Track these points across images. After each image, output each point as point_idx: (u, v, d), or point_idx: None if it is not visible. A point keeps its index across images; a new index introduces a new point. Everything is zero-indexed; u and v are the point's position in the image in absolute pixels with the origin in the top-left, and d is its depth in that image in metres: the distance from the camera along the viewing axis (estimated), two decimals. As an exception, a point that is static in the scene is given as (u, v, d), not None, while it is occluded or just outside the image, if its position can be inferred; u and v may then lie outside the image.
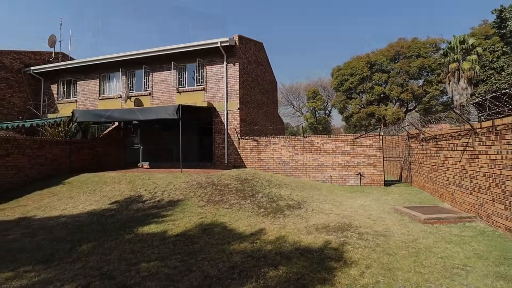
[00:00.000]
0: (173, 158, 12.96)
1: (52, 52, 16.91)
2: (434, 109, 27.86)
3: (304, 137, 10.69)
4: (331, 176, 10.16)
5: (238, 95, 11.79)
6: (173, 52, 12.21)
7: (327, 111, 42.11)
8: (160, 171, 10.41)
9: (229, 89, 11.93)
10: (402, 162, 10.95)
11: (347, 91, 31.75)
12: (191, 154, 12.84)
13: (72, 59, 17.07)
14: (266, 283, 2.91)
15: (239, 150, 11.50)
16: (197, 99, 12.27)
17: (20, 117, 14.23)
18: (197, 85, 12.56)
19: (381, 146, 9.84)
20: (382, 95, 29.57)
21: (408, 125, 10.77)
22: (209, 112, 12.09)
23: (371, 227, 4.82)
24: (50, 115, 14.60)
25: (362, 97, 31.30)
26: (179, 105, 9.37)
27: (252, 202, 6.59)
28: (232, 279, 3.00)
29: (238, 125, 11.63)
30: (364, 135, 10.09)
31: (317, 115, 40.58)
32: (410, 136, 9.76)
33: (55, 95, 15.21)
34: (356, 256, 3.56)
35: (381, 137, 9.92)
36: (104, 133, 12.71)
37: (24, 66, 15.13)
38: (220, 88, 12.07)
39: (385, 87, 29.38)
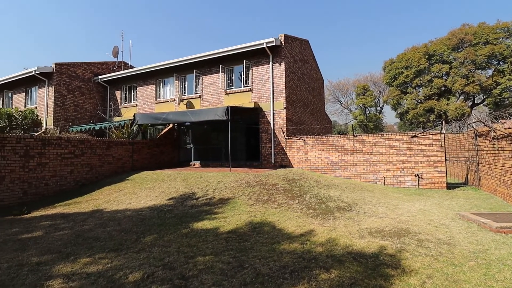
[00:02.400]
0: (222, 157, 13.48)
1: (115, 62, 18.84)
2: (507, 102, 24.38)
3: (354, 136, 10.25)
4: (384, 178, 9.58)
5: (284, 95, 11.77)
6: (221, 55, 12.66)
7: (378, 108, 39.69)
8: (210, 169, 10.92)
9: (275, 89, 11.99)
10: (468, 163, 9.83)
11: (402, 85, 29.46)
12: (238, 154, 13.22)
13: (132, 67, 18.81)
14: (319, 285, 2.88)
15: (285, 150, 11.50)
16: (244, 100, 12.56)
17: (91, 121, 16.15)
18: (244, 86, 12.86)
19: (443, 145, 8.97)
20: (443, 89, 26.82)
21: (475, 122, 9.64)
22: (256, 112, 12.29)
23: (432, 234, 4.44)
24: (115, 119, 16.30)
25: (419, 92, 28.77)
26: (227, 107, 9.70)
27: (300, 202, 6.55)
28: (283, 278, 3.03)
29: (285, 125, 11.62)
30: (422, 133, 9.30)
31: (368, 112, 38.47)
32: (478, 134, 8.71)
33: (119, 100, 16.91)
34: (416, 265, 3.32)
35: (442, 135, 9.03)
36: (160, 134, 13.77)
37: (93, 76, 17.10)
38: (266, 88, 12.19)
39: (446, 80, 26.56)
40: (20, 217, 6.44)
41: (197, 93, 14.02)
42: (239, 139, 13.52)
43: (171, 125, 14.17)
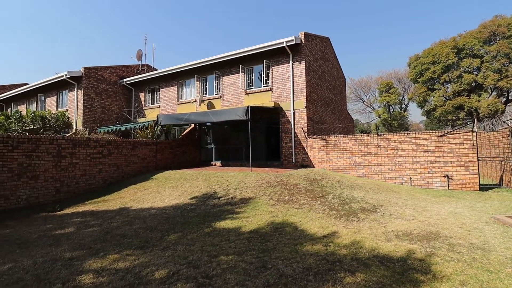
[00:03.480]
0: (243, 157, 13.55)
1: (139, 65, 19.48)
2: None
3: (378, 135, 9.93)
4: (410, 178, 9.21)
5: (305, 94, 11.63)
6: (241, 55, 12.72)
7: (403, 106, 38.23)
8: (231, 169, 11.01)
9: (295, 88, 11.88)
10: (503, 163, 9.23)
11: (428, 81, 28.15)
12: (259, 153, 13.23)
13: (155, 69, 19.36)
14: (344, 289, 2.81)
15: (306, 150, 11.36)
16: (264, 100, 12.55)
17: (117, 122, 16.80)
18: (263, 86, 12.85)
19: (475, 144, 8.47)
20: (474, 84, 25.34)
21: (510, 119, 9.02)
22: (276, 112, 12.24)
23: (465, 238, 4.21)
24: (139, 120, 16.86)
25: (447, 88, 27.36)
26: (248, 107, 9.74)
27: (323, 203, 6.44)
28: (307, 280, 2.99)
29: (305, 124, 11.48)
30: (452, 132, 8.85)
31: (392, 110, 37.18)
32: (515, 131, 8.15)
33: (143, 102, 17.47)
34: (448, 270, 3.16)
35: (474, 133, 8.54)
36: (182, 134, 14.07)
37: (119, 79, 17.78)
38: (287, 87, 12.10)
39: (477, 75, 25.07)
40: (53, 214, 6.81)
41: (217, 94, 14.18)
42: (259, 138, 13.53)
43: (192, 125, 14.44)
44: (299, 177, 8.32)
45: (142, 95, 17.56)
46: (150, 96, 17.36)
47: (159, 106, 16.45)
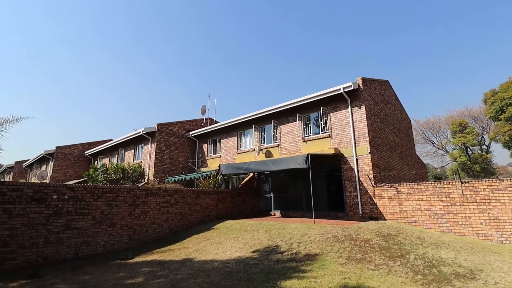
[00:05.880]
0: (303, 207, 12.97)
1: (203, 119, 21.36)
2: None
3: (461, 182, 8.61)
4: (514, 235, 7.50)
5: (367, 139, 11.04)
6: (297, 104, 13.01)
7: (483, 146, 33.54)
8: (292, 220, 10.52)
9: (356, 133, 11.41)
10: None
11: (513, 118, 24.61)
12: (320, 203, 12.54)
13: (216, 122, 20.92)
14: None
15: (374, 199, 10.36)
16: (323, 147, 12.26)
17: (183, 172, 18.05)
18: (322, 133, 12.67)
19: None
20: None
21: None
22: (337, 158, 11.76)
23: None
24: (202, 169, 17.88)
25: (540, 124, 23.41)
26: (307, 155, 9.56)
27: (404, 264, 5.53)
28: None
29: (371, 171, 10.67)
30: None
31: (470, 152, 32.79)
32: None
33: (205, 152, 18.67)
34: None
35: None
36: (242, 183, 14.31)
37: (185, 132, 19.59)
38: (347, 133, 11.71)
39: None
40: (126, 262, 7.17)
41: (275, 142, 14.42)
42: (320, 187, 12.94)
43: (251, 174, 14.66)
44: (370, 231, 7.46)
45: (205, 146, 18.86)
46: (212, 147, 18.53)
47: (220, 156, 17.32)
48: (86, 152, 25.50)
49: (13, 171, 31.88)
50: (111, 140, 23.82)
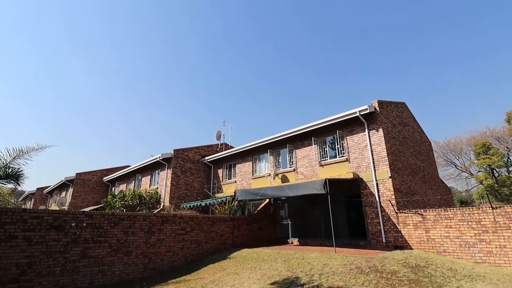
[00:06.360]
0: (322, 234, 12.44)
1: (218, 144, 21.55)
2: None
3: (492, 207, 8.04)
4: (560, 268, 6.79)
5: (387, 162, 10.68)
6: (313, 128, 12.91)
7: (511, 168, 31.80)
8: (311, 249, 10.06)
9: (375, 156, 11.09)
10: None
11: (541, 138, 23.38)
12: (340, 230, 12.00)
13: (232, 147, 21.04)
14: None
15: (399, 227, 9.80)
16: (341, 171, 11.94)
17: (198, 197, 17.96)
18: (339, 157, 12.41)
19: None
20: None
21: None
22: (356, 183, 11.37)
23: None
24: (217, 195, 17.73)
25: None
26: (325, 179, 9.30)
27: (438, 301, 5.04)
28: None
29: (393, 196, 10.20)
30: None
31: (497, 174, 31.12)
32: None
33: (220, 178, 18.61)
34: None
35: None
36: (258, 209, 14.01)
37: (201, 157, 19.73)
38: (365, 157, 11.41)
39: None
40: (140, 293, 6.94)
41: (291, 167, 14.21)
42: (339, 213, 12.45)
43: (267, 200, 14.37)
44: (396, 262, 6.97)
45: (220, 171, 18.84)
46: (227, 172, 18.48)
47: (235, 181, 17.19)
48: (104, 178, 26.03)
49: (34, 197, 32.80)
50: (128, 166, 24.29)
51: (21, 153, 10.08)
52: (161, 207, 16.43)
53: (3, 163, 9.56)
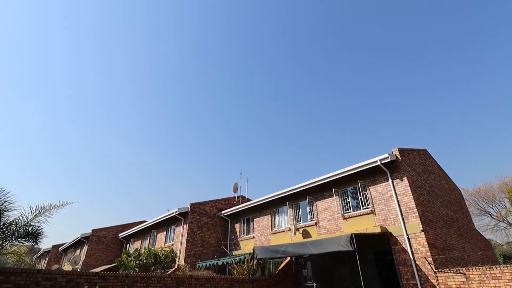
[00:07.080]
0: (352, 298, 11.11)
1: (235, 197, 21.17)
2: None
3: (550, 266, 7.03)
4: None
5: (417, 214, 9.93)
6: (333, 179, 12.51)
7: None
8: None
9: (402, 208, 10.39)
10: None
11: None
12: (372, 293, 10.70)
13: (249, 199, 20.57)
14: None
15: (440, 289, 8.64)
16: (367, 224, 11.15)
17: (215, 256, 17.01)
18: (363, 208, 11.73)
19: None
20: None
21: None
22: (384, 238, 10.49)
23: None
24: (235, 252, 16.77)
25: None
26: (351, 235, 8.66)
27: None
28: None
29: (428, 253, 9.21)
30: None
31: (539, 224, 28.20)
32: None
33: (238, 233, 17.80)
34: None
35: None
36: (279, 269, 12.94)
37: (218, 211, 19.24)
38: (391, 208, 10.71)
39: None
40: None
41: (312, 220, 13.49)
42: (368, 272, 11.20)
43: (288, 258, 13.37)
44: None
45: (237, 226, 18.12)
46: (245, 227, 17.72)
47: (253, 237, 16.35)
48: (120, 235, 25.55)
49: (49, 256, 32.25)
50: (144, 221, 23.89)
51: (42, 210, 10.13)
52: (176, 266, 15.58)
53: (25, 220, 9.58)
